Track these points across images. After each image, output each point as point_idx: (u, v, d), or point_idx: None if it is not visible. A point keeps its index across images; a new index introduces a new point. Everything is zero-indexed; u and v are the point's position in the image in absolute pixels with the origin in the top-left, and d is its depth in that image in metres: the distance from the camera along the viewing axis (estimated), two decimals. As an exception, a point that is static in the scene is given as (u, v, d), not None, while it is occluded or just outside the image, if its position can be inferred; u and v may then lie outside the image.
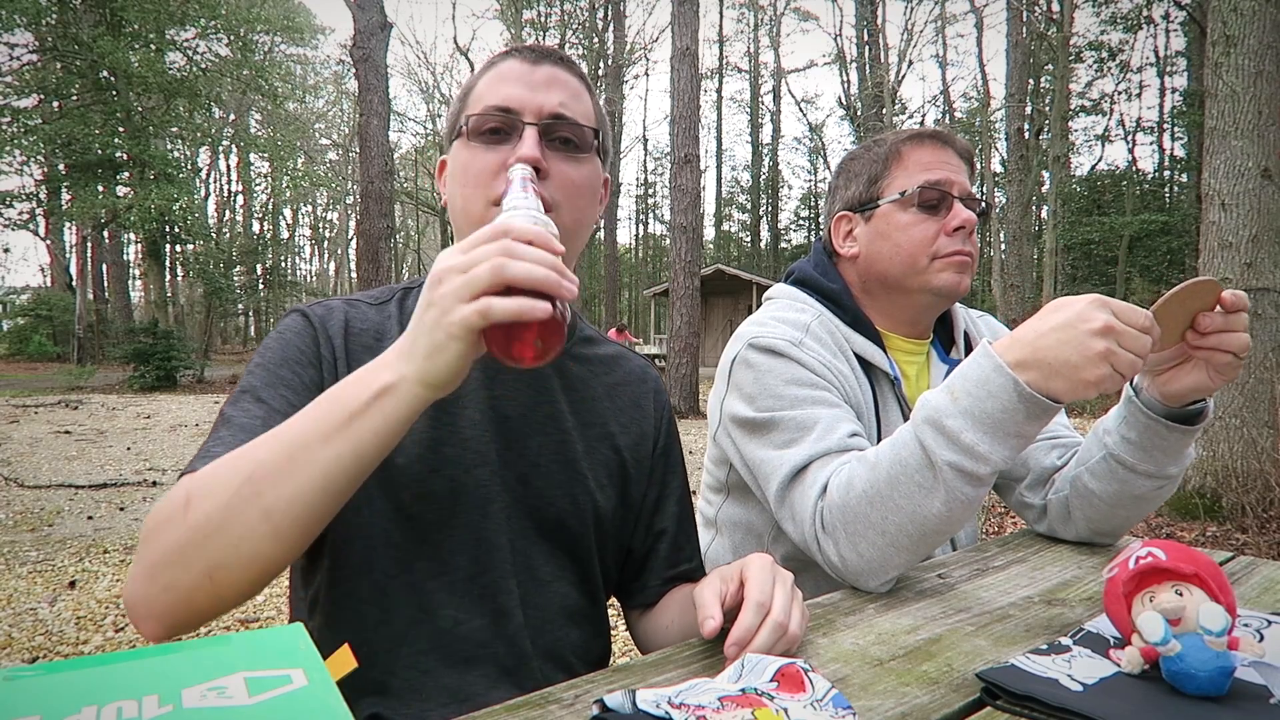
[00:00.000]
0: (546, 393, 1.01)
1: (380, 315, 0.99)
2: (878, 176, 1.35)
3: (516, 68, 0.96)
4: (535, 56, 0.97)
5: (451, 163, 0.99)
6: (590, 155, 0.98)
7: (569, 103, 0.96)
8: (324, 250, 55.63)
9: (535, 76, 0.95)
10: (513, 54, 0.98)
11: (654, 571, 1.10)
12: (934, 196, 1.30)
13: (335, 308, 0.97)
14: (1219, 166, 5.22)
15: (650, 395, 1.12)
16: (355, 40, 12.59)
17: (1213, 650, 0.68)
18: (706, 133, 43.50)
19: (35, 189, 23.39)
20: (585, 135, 0.96)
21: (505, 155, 0.92)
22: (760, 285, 23.54)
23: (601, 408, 1.06)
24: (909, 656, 0.82)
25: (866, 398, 1.29)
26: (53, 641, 3.35)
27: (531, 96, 0.94)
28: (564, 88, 0.96)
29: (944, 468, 0.95)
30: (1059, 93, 19.66)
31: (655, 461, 1.11)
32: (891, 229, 1.32)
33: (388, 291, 1.04)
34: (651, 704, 0.64)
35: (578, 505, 0.99)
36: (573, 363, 1.05)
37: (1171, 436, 1.10)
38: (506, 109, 0.93)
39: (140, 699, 0.38)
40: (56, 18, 20.92)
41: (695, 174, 12.04)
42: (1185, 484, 5.36)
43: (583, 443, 1.02)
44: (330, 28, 44.19)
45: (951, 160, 1.32)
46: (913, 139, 1.33)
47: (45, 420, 11.23)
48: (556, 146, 0.94)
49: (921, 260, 1.30)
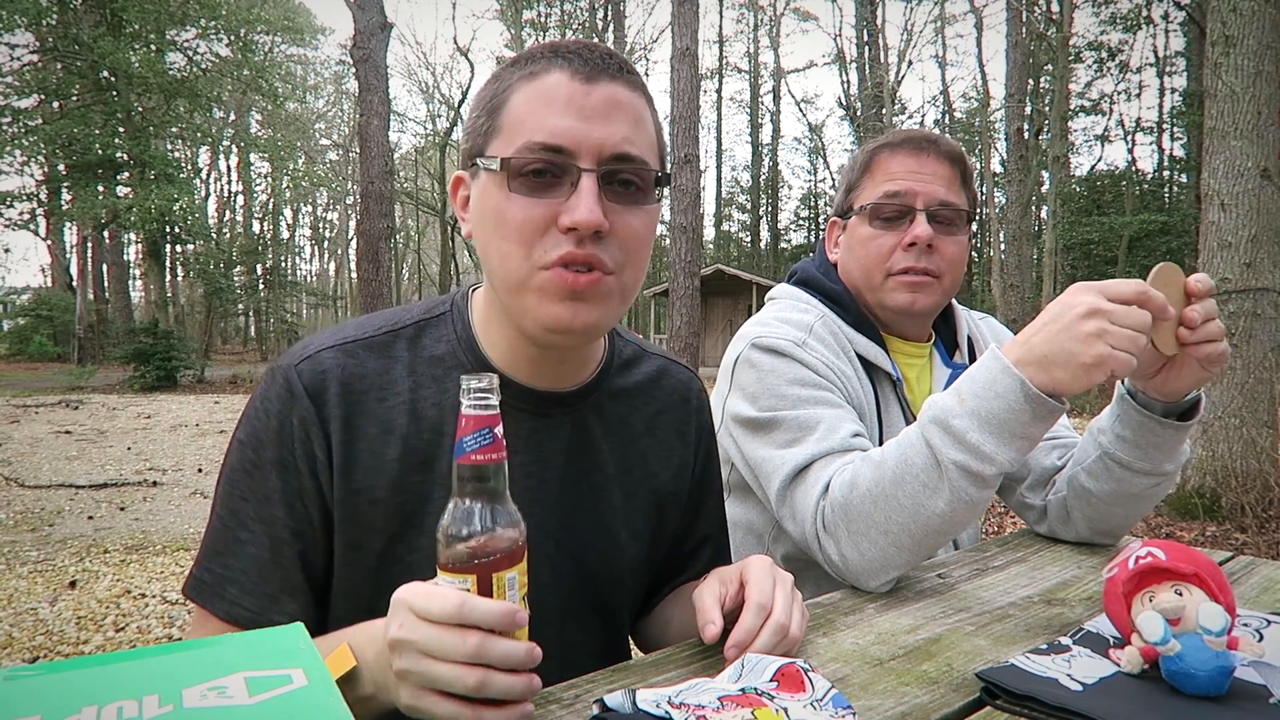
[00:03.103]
0: (585, 445, 0.93)
1: (383, 361, 0.86)
2: (853, 185, 1.35)
3: (566, 86, 0.78)
4: (589, 70, 0.78)
5: (481, 201, 0.82)
6: (653, 196, 0.83)
7: (633, 136, 0.79)
8: (324, 250, 55.63)
9: (591, 101, 0.77)
10: (558, 61, 0.79)
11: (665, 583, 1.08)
12: (892, 210, 1.28)
13: (329, 368, 0.83)
14: (1218, 167, 5.21)
15: (692, 417, 1.04)
16: (355, 40, 12.59)
17: (1212, 650, 0.68)
18: (706, 133, 43.48)
19: (36, 189, 23.40)
20: (650, 176, 0.81)
21: (554, 208, 0.77)
22: (760, 285, 23.53)
23: (642, 446, 0.98)
24: (909, 656, 0.82)
25: (869, 398, 1.29)
26: (53, 641, 3.35)
27: (588, 132, 0.77)
28: (626, 114, 0.79)
29: (950, 467, 0.95)
30: (1059, 93, 19.66)
31: (693, 487, 1.05)
32: (855, 241, 1.33)
33: (391, 321, 0.89)
34: (651, 704, 0.64)
35: (611, 566, 0.95)
36: (610, 400, 0.96)
37: (1166, 433, 1.10)
38: (558, 148, 0.76)
39: (140, 699, 0.38)
40: (57, 18, 20.92)
41: (695, 174, 12.04)
42: (1185, 484, 5.36)
43: (621, 492, 0.96)
44: (330, 28, 44.31)
45: (925, 168, 1.28)
46: (887, 146, 1.32)
47: (46, 420, 11.22)
48: (617, 192, 0.79)
49: (876, 276, 1.30)
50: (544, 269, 0.77)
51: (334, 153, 44.50)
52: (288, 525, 0.82)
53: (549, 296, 0.78)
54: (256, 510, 0.82)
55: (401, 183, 38.02)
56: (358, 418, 0.83)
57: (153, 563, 4.49)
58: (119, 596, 3.90)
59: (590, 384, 0.93)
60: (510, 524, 0.65)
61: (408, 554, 0.85)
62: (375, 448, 0.83)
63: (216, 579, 0.82)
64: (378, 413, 0.84)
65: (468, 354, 0.88)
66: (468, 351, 0.88)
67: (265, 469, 0.82)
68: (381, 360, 0.86)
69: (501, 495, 0.66)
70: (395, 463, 0.84)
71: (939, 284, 1.29)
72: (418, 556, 0.84)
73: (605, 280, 0.79)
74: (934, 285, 1.29)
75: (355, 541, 0.84)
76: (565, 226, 0.76)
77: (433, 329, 0.89)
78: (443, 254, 33.31)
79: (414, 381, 0.86)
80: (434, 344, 0.88)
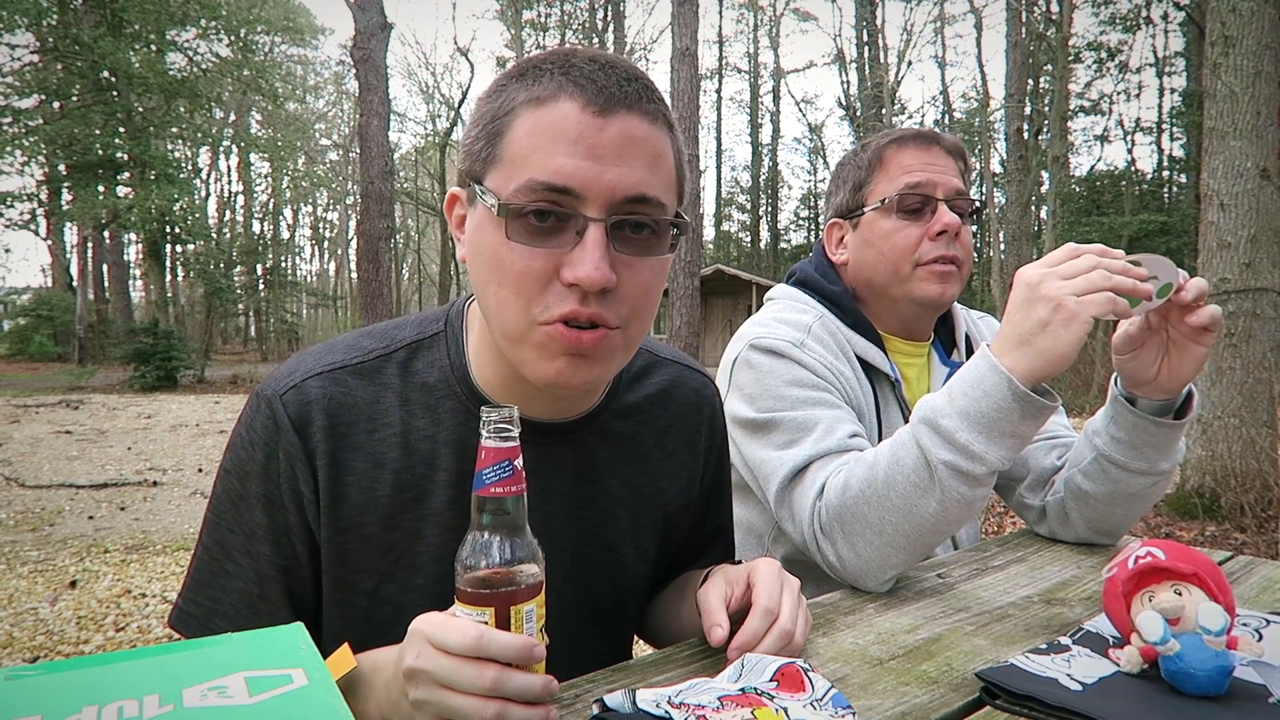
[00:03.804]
0: (591, 470, 0.89)
1: (373, 389, 0.81)
2: (863, 183, 1.34)
3: (576, 119, 0.69)
4: (603, 100, 0.69)
5: (477, 234, 0.75)
6: (667, 244, 0.75)
7: (650, 179, 0.71)
8: (324, 250, 55.64)
9: (605, 138, 0.69)
10: (569, 87, 0.70)
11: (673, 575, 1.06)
12: (916, 201, 1.29)
13: (314, 398, 0.78)
14: (1218, 167, 5.21)
15: (704, 425, 1.00)
16: (355, 40, 12.60)
17: (1211, 650, 0.68)
18: (706, 133, 43.51)
19: (36, 189, 23.38)
20: (666, 224, 0.73)
21: (556, 259, 0.70)
22: (760, 285, 23.51)
23: (651, 462, 0.95)
24: (909, 656, 0.82)
25: (868, 399, 1.29)
26: (53, 641, 3.35)
27: (599, 174, 0.69)
28: (642, 152, 0.71)
29: (939, 467, 0.96)
30: (1058, 93, 19.65)
31: (703, 493, 1.03)
32: (875, 237, 1.32)
33: (382, 344, 0.84)
34: (651, 703, 0.65)
35: (616, 588, 0.94)
36: (618, 421, 0.92)
37: (1160, 432, 1.11)
38: (564, 189, 0.69)
39: (141, 699, 0.38)
40: (57, 18, 20.91)
41: (695, 174, 12.04)
42: (1184, 484, 5.36)
43: (629, 514, 0.93)
44: (330, 28, 44.22)
45: (938, 160, 1.30)
46: (895, 141, 1.32)
47: (46, 420, 11.22)
48: (627, 239, 0.71)
49: (905, 268, 1.30)
50: (544, 324, 0.72)
51: (334, 153, 44.55)
52: (274, 561, 0.80)
53: (548, 353, 0.73)
54: (243, 544, 0.80)
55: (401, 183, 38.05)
56: (345, 451, 0.79)
57: (153, 562, 4.50)
58: (119, 596, 3.90)
59: (596, 409, 0.90)
60: (529, 557, 0.65)
61: (399, 594, 0.82)
62: (364, 483, 0.80)
63: (203, 611, 0.81)
64: (367, 445, 0.80)
65: (461, 384, 0.84)
66: (461, 382, 0.84)
67: (251, 502, 0.80)
68: (372, 388, 0.81)
69: (521, 528, 0.66)
70: (386, 499, 0.80)
71: (959, 274, 1.31)
72: (411, 597, 0.82)
73: (610, 336, 0.74)
74: (957, 276, 1.31)
75: (343, 581, 0.81)
76: (569, 281, 0.70)
77: (425, 352, 0.84)
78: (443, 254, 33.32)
79: (406, 412, 0.82)
80: (426, 369, 0.84)
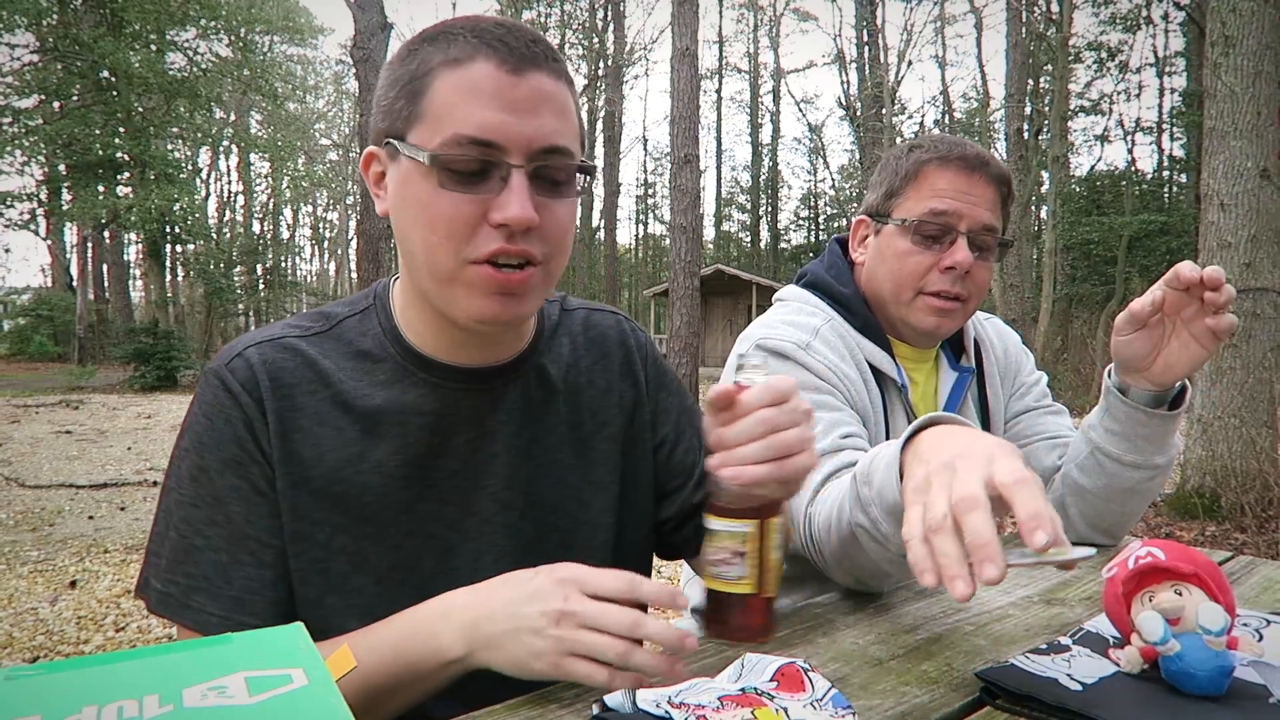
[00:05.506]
0: (530, 411, 0.94)
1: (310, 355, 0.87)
2: (894, 191, 1.30)
3: (493, 78, 0.77)
4: (515, 60, 0.78)
5: (402, 187, 0.81)
6: (576, 186, 0.83)
7: (561, 128, 0.80)
8: (324, 250, 55.61)
9: (519, 94, 0.77)
10: (484, 49, 0.78)
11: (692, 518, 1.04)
12: (935, 229, 1.24)
13: (256, 363, 0.84)
14: (1218, 167, 5.21)
15: (634, 356, 1.04)
16: (355, 40, 12.59)
17: (1212, 650, 0.68)
18: (706, 133, 43.50)
19: (36, 189, 23.38)
20: (575, 168, 0.82)
21: (484, 203, 0.77)
22: (760, 285, 23.53)
23: (587, 398, 0.99)
24: (909, 656, 0.82)
25: (875, 404, 1.28)
26: (53, 641, 3.35)
27: (519, 127, 0.77)
28: (552, 105, 0.80)
29: (855, 527, 0.93)
30: (1058, 93, 19.65)
31: (662, 421, 1.04)
32: (888, 253, 1.29)
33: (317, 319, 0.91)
34: (651, 703, 0.65)
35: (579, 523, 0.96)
36: (549, 362, 0.97)
37: (1152, 423, 1.10)
38: (488, 143, 0.76)
39: (141, 699, 0.38)
40: (57, 18, 20.91)
41: (695, 174, 12.04)
42: (1184, 484, 5.36)
43: (574, 450, 0.96)
44: (330, 28, 44.08)
45: (975, 189, 1.24)
46: (939, 160, 1.25)
47: (46, 420, 11.22)
48: (545, 186, 0.80)
49: (906, 293, 1.27)
50: (474, 263, 0.79)
51: (334, 153, 44.50)
52: (245, 520, 0.83)
53: (478, 291, 0.80)
54: (208, 515, 0.82)
55: (401, 183, 37.84)
56: (290, 410, 0.84)
57: (153, 563, 4.49)
58: (119, 596, 3.90)
59: (525, 353, 0.95)
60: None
61: (354, 543, 0.86)
62: (310, 439, 0.85)
63: (181, 590, 0.82)
64: (310, 405, 0.85)
65: (395, 344, 0.89)
66: (395, 343, 0.89)
67: (213, 474, 0.83)
68: (310, 354, 0.87)
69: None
70: (331, 454, 0.85)
71: (964, 308, 1.27)
72: (365, 544, 0.85)
73: (535, 273, 0.81)
74: (960, 311, 1.27)
75: (299, 534, 0.85)
76: (497, 222, 0.77)
77: (358, 323, 0.91)
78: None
79: (343, 374, 0.87)
80: (360, 338, 0.90)
